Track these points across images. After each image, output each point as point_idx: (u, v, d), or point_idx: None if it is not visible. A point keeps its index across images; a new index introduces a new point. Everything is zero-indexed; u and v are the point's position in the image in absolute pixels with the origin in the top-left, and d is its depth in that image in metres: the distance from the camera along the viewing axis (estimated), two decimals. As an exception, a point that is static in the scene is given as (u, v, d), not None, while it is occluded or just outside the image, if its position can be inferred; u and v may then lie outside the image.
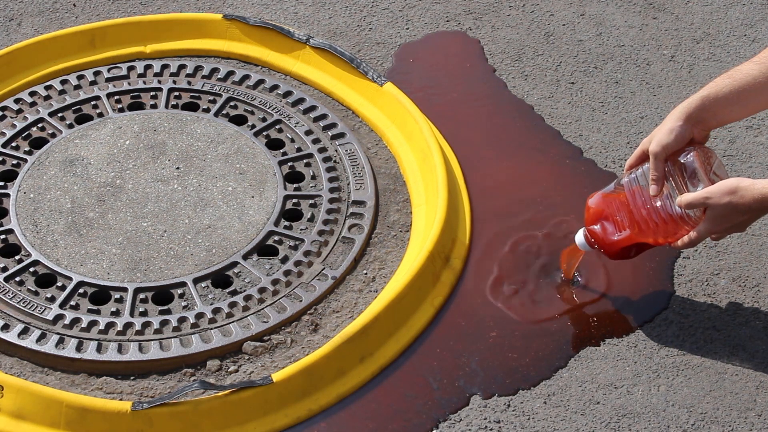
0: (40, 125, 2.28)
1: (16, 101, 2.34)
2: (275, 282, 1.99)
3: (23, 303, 1.93)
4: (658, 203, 1.78)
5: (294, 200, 2.14)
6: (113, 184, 2.15)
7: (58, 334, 1.89)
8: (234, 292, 1.97)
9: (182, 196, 2.13)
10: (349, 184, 2.18)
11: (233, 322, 1.92)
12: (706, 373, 1.85)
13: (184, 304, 1.95)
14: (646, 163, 1.79)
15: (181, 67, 2.43)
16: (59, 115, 2.30)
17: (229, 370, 1.86)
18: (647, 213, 1.80)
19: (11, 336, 1.88)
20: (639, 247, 1.86)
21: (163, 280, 1.98)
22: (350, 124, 2.33)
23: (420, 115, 2.27)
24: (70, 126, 2.28)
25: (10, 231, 2.06)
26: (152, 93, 2.36)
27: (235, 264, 2.01)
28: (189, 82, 2.39)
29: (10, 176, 2.17)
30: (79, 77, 2.40)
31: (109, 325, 1.90)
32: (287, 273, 2.00)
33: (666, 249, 2.05)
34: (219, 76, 2.41)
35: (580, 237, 1.90)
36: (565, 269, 2.00)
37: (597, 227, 1.86)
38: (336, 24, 2.59)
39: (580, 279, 2.00)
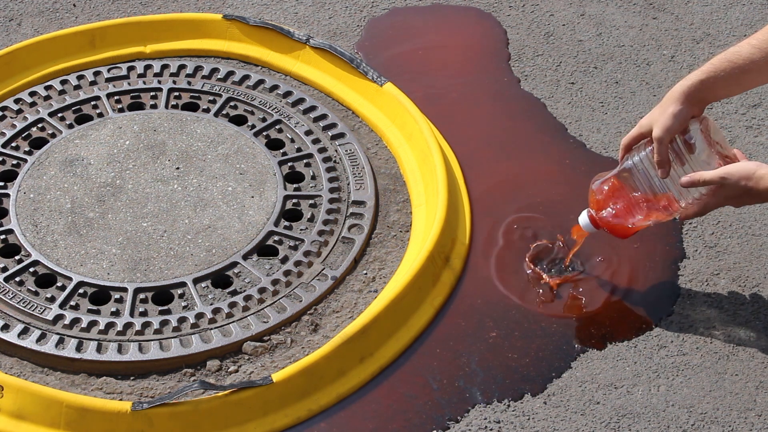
0: (40, 125, 2.28)
1: (16, 101, 2.34)
2: (275, 282, 1.98)
3: (23, 303, 1.93)
4: (664, 182, 1.79)
5: (294, 200, 2.14)
6: (113, 184, 2.15)
7: (58, 334, 1.89)
8: (234, 292, 1.97)
9: (182, 197, 2.13)
10: (349, 184, 2.18)
11: (233, 322, 1.92)
12: (706, 373, 1.85)
13: (184, 304, 1.95)
14: (649, 146, 1.81)
15: (181, 67, 2.43)
16: (59, 115, 2.30)
17: (229, 370, 1.85)
18: (652, 193, 1.81)
19: (11, 336, 1.88)
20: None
21: (163, 280, 1.98)
22: (350, 124, 2.33)
23: (420, 115, 2.27)
24: (70, 126, 2.28)
25: (10, 231, 2.06)
26: (152, 93, 2.36)
27: (235, 264, 2.01)
28: (189, 82, 2.39)
29: (10, 176, 2.17)
30: (79, 77, 2.40)
31: (109, 326, 1.90)
32: (287, 273, 2.00)
33: (665, 249, 2.05)
34: (219, 76, 2.41)
35: (584, 218, 1.90)
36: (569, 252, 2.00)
37: (605, 213, 1.86)
38: (336, 24, 2.59)
39: (579, 266, 2.00)
